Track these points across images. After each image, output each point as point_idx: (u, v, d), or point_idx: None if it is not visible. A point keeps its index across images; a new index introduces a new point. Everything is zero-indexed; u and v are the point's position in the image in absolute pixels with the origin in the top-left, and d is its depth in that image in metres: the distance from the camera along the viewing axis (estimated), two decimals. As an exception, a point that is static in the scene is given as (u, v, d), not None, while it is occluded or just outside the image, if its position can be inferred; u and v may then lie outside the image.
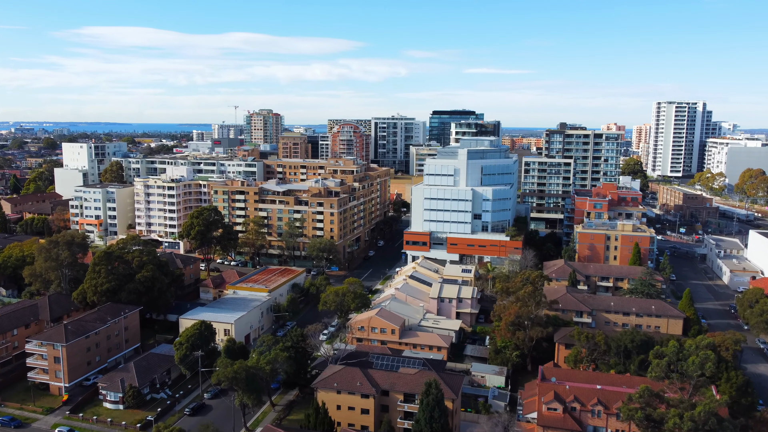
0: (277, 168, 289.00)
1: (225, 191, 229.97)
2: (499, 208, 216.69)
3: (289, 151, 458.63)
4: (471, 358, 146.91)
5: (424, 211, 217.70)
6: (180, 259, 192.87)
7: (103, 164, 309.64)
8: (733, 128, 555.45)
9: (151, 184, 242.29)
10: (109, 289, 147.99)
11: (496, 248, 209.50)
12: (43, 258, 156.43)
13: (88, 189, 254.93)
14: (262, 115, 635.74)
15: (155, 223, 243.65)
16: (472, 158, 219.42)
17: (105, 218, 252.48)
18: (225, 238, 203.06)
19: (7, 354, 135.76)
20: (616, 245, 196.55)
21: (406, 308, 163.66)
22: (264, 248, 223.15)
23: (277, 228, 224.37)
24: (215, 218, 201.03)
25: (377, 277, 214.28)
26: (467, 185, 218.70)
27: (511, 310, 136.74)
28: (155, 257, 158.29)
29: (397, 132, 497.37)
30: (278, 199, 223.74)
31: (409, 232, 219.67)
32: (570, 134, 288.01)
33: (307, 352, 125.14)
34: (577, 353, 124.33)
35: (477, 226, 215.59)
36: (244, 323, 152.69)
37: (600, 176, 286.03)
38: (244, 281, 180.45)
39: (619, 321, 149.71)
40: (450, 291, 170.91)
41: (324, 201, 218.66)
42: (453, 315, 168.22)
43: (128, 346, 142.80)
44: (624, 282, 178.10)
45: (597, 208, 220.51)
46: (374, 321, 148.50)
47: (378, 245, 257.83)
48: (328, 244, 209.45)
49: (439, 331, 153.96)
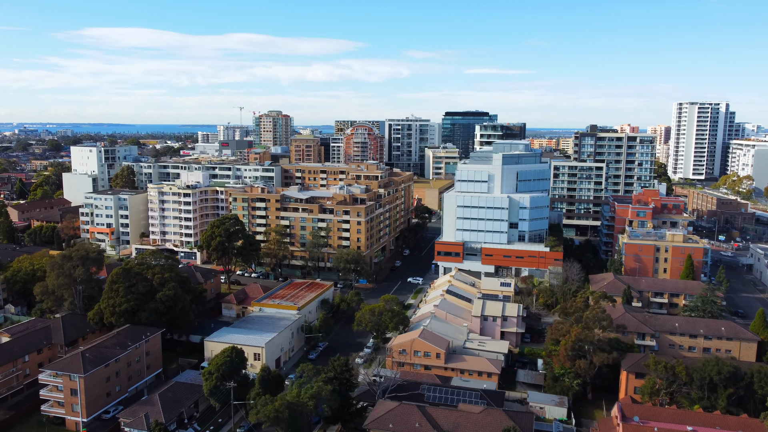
0: (296, 173, 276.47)
1: (244, 198, 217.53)
2: (536, 216, 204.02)
3: (301, 154, 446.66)
4: (524, 385, 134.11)
5: (457, 219, 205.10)
6: (200, 273, 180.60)
7: (113, 169, 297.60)
8: (756, 129, 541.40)
9: (165, 191, 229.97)
10: (128, 309, 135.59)
11: (534, 260, 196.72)
12: (55, 274, 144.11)
13: (99, 195, 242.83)
14: (271, 116, 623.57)
15: (170, 232, 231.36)
16: (507, 163, 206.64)
17: (117, 226, 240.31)
18: (247, 249, 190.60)
19: (17, 383, 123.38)
20: (665, 257, 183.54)
21: (448, 328, 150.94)
22: (286, 259, 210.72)
23: (300, 238, 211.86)
24: (236, 228, 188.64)
25: (407, 290, 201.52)
26: (502, 192, 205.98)
27: (572, 333, 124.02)
28: (177, 273, 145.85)
29: (412, 134, 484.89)
30: (301, 207, 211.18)
31: (441, 242, 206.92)
32: (602, 137, 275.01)
33: (351, 383, 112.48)
34: (653, 385, 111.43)
35: (513, 236, 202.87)
36: (275, 346, 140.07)
37: (633, 181, 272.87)
38: (269, 297, 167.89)
39: (685, 344, 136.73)
40: (494, 308, 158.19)
41: (350, 209, 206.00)
42: (497, 335, 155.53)
43: (150, 372, 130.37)
44: (680, 298, 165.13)
45: (640, 217, 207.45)
46: (417, 344, 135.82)
47: (404, 254, 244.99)
48: (356, 255, 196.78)
49: (486, 354, 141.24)
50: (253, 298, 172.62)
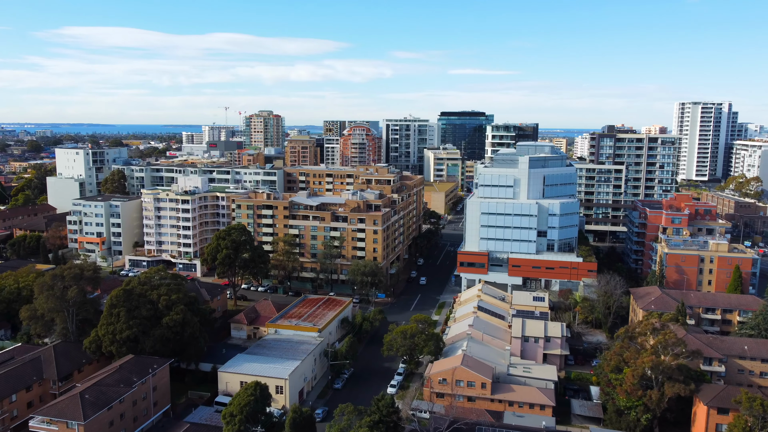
0: (299, 177, 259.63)
1: (249, 206, 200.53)
2: (566, 223, 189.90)
3: (297, 156, 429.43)
4: (580, 418, 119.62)
5: (481, 227, 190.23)
6: (205, 289, 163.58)
7: (102, 172, 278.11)
8: (759, 129, 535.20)
9: (162, 197, 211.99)
10: (130, 337, 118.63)
11: (566, 271, 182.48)
12: (44, 297, 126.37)
13: (88, 202, 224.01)
14: (262, 116, 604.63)
15: (167, 242, 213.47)
16: (533, 167, 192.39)
17: (108, 235, 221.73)
18: (255, 262, 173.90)
19: (4, 428, 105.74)
20: (710, 268, 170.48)
21: (488, 351, 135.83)
22: (296, 271, 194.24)
23: (311, 248, 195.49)
24: (244, 239, 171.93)
25: (428, 305, 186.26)
26: (528, 197, 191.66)
27: (642, 361, 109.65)
28: (185, 294, 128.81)
29: (410, 134, 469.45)
30: (312, 215, 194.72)
31: (464, 251, 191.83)
32: (621, 138, 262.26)
33: (399, 426, 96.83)
34: (745, 424, 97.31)
35: (541, 245, 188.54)
36: (298, 376, 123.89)
37: (654, 184, 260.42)
38: (284, 316, 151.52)
39: (756, 369, 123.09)
40: (535, 328, 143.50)
41: (366, 217, 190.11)
42: (540, 357, 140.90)
43: (157, 410, 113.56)
44: (733, 314, 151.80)
45: (675, 224, 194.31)
46: (460, 373, 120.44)
47: (418, 264, 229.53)
48: (373, 266, 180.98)
49: (534, 382, 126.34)
50: (265, 317, 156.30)
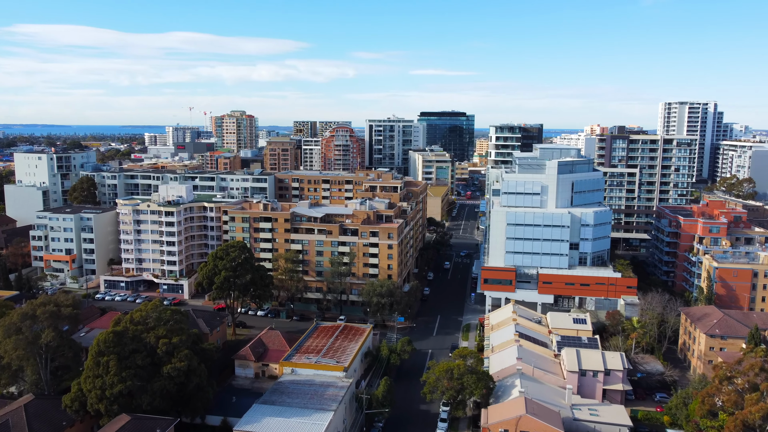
0: (292, 183, 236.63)
1: (245, 218, 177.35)
2: (599, 235, 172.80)
3: (277, 159, 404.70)
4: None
5: (506, 240, 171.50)
6: (203, 319, 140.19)
7: (68, 179, 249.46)
8: (744, 130, 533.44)
9: (142, 209, 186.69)
10: (123, 392, 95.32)
11: (603, 287, 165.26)
12: (12, 342, 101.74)
13: (55, 214, 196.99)
14: (234, 117, 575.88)
15: (148, 260, 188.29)
16: (562, 172, 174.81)
17: (79, 252, 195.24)
18: (258, 285, 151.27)
19: None
20: (765, 283, 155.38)
21: (544, 390, 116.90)
22: (299, 292, 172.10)
23: (316, 265, 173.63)
24: (245, 257, 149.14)
25: (451, 327, 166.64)
26: (557, 206, 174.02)
27: (750, 410, 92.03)
28: (189, 335, 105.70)
29: (395, 135, 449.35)
30: (317, 228, 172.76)
31: (489, 267, 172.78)
32: (634, 140, 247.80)
33: None
34: None
35: (573, 258, 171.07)
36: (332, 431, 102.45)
37: (669, 189, 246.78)
38: (299, 351, 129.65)
39: None
40: (592, 360, 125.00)
41: (380, 229, 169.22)
42: (599, 395, 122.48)
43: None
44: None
45: (713, 233, 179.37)
46: (525, 423, 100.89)
47: (428, 279, 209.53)
48: (390, 286, 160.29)
49: (606, 428, 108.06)
50: (275, 351, 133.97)
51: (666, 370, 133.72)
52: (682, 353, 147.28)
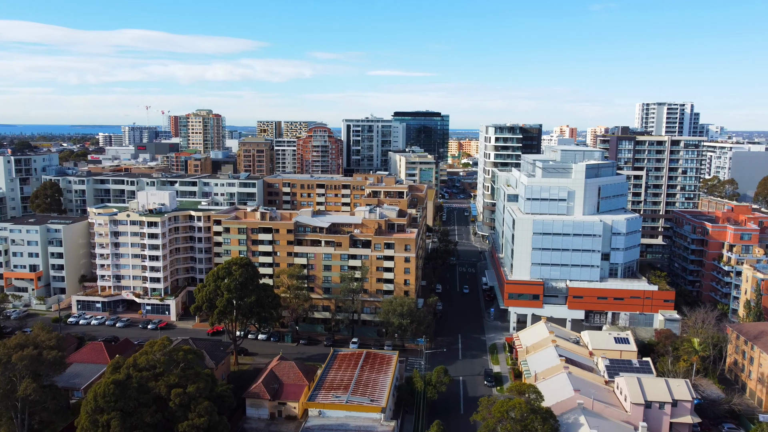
0: (283, 188, 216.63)
1: (241, 229, 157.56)
2: (631, 244, 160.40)
3: (252, 161, 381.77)
4: None
5: (533, 251, 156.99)
6: (205, 350, 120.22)
7: (29, 185, 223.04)
8: (720, 131, 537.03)
9: (121, 219, 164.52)
10: (130, 457, 75.75)
11: (638, 302, 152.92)
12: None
13: (17, 225, 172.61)
14: (201, 116, 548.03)
15: (127, 276, 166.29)
16: (589, 177, 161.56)
17: (46, 269, 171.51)
18: (264, 306, 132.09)
19: None
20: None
21: (609, 427, 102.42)
22: (305, 312, 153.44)
23: (323, 281, 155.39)
24: (251, 274, 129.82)
25: (476, 348, 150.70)
26: (584, 213, 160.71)
27: None
28: (207, 382, 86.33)
29: (373, 136, 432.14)
30: (324, 239, 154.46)
31: (513, 281, 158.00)
32: (641, 141, 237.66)
33: None
34: None
35: (604, 270, 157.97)
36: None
37: (676, 191, 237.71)
38: (323, 387, 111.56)
39: None
40: (658, 390, 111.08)
41: (395, 240, 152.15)
42: (665, 429, 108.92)
43: None
44: None
45: (744, 240, 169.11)
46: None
47: (437, 291, 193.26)
48: (410, 304, 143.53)
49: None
50: (290, 385, 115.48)
51: (727, 396, 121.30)
52: (731, 374, 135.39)
